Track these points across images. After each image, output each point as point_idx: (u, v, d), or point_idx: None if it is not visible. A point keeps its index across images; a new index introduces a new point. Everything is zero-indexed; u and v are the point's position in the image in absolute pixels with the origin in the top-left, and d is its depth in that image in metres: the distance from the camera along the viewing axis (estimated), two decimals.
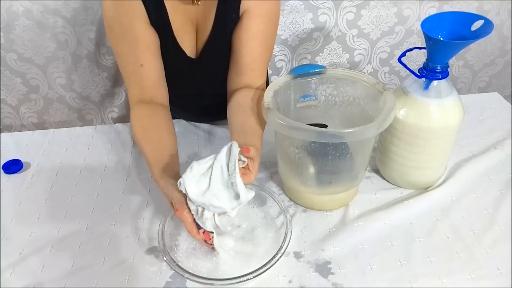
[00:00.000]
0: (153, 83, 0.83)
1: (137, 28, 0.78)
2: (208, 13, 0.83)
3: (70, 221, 0.80)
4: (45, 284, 0.68)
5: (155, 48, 0.82)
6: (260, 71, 0.86)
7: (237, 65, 0.86)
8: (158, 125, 0.80)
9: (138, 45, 0.79)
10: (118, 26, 0.78)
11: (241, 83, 0.86)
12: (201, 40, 0.87)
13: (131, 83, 0.82)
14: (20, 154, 0.96)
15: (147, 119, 0.80)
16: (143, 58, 0.80)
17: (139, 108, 0.82)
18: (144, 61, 0.80)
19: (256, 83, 0.86)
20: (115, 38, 0.80)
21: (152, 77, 0.82)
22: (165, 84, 0.86)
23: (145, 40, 0.80)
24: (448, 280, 0.67)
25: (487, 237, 0.74)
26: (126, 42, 0.79)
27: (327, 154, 0.72)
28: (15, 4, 1.19)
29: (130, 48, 0.79)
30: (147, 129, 0.79)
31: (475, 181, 0.86)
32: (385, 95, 0.73)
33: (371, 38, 1.42)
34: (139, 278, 0.69)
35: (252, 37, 0.83)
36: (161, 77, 0.85)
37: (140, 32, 0.79)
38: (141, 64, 0.80)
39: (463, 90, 1.65)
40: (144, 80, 0.81)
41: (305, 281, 0.68)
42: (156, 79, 0.83)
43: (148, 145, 0.76)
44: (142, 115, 0.81)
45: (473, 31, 0.70)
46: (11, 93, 1.38)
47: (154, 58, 0.82)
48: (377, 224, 0.77)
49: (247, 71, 0.85)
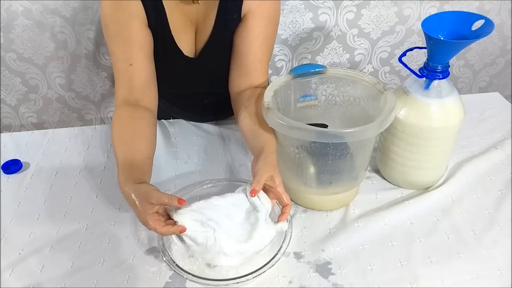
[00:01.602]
0: (142, 83, 0.81)
1: (133, 27, 0.78)
2: (208, 13, 0.83)
3: (69, 221, 0.79)
4: (44, 284, 0.68)
5: (149, 50, 0.82)
6: (262, 70, 0.86)
7: (240, 66, 0.86)
8: (137, 129, 0.77)
9: (132, 44, 0.79)
10: (114, 24, 0.78)
11: (244, 84, 0.86)
12: (201, 40, 0.87)
13: (120, 82, 0.81)
14: (20, 154, 0.96)
15: (126, 121, 0.78)
16: (135, 57, 0.79)
17: (122, 109, 0.80)
18: (136, 61, 0.79)
19: (259, 82, 0.87)
20: (110, 36, 0.79)
21: (142, 77, 0.81)
22: (155, 88, 0.85)
23: (140, 40, 0.79)
24: (449, 280, 0.67)
25: (487, 237, 0.74)
26: (121, 40, 0.79)
27: (327, 154, 0.72)
28: (15, 4, 1.18)
29: (124, 46, 0.79)
30: (125, 131, 0.77)
31: (475, 181, 0.86)
32: (386, 95, 0.73)
33: (372, 38, 1.41)
34: (138, 279, 0.69)
35: (255, 38, 0.83)
36: (151, 80, 0.83)
37: (135, 31, 0.78)
38: (130, 64, 0.79)
39: (464, 90, 1.65)
40: (133, 80, 0.80)
41: (305, 281, 0.68)
42: (146, 80, 0.82)
43: (120, 148, 0.74)
44: (123, 116, 0.79)
45: (473, 30, 0.70)
46: (10, 93, 1.38)
47: (146, 58, 0.81)
48: (378, 224, 0.77)
49: (251, 71, 0.85)
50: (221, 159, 0.94)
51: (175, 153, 0.95)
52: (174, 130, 1.03)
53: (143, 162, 0.73)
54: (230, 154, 0.95)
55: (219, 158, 0.94)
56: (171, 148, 0.97)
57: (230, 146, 0.97)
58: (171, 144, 0.98)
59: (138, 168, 0.71)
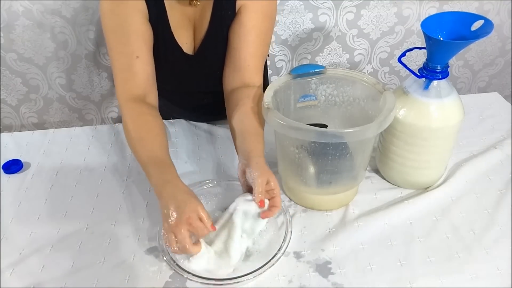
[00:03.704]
0: (147, 77, 0.80)
1: (136, 21, 0.77)
2: (205, 11, 0.84)
3: (70, 221, 0.80)
4: (45, 284, 0.68)
5: (151, 45, 0.82)
6: (255, 66, 0.85)
7: (233, 61, 0.85)
8: (152, 125, 0.78)
9: (136, 36, 0.78)
10: (115, 17, 0.77)
11: (237, 80, 0.85)
12: (199, 37, 0.87)
13: (124, 77, 0.79)
14: (20, 154, 0.96)
15: (140, 118, 0.78)
16: (140, 51, 0.78)
17: (130, 107, 0.79)
18: (141, 54, 0.78)
19: (252, 79, 0.85)
20: (110, 31, 0.78)
21: (147, 71, 0.80)
22: (155, 85, 0.84)
23: (143, 34, 0.79)
24: (448, 280, 0.67)
25: (487, 237, 0.74)
26: (124, 33, 0.77)
27: (327, 154, 0.72)
28: (15, 4, 1.19)
29: (128, 39, 0.77)
30: (141, 129, 0.77)
31: (475, 181, 0.86)
32: (385, 95, 0.73)
33: (371, 38, 1.42)
34: (139, 278, 0.69)
35: (248, 32, 0.82)
36: (154, 76, 0.83)
37: (138, 26, 0.78)
38: (137, 56, 0.78)
39: (463, 90, 1.65)
40: (138, 74, 0.79)
41: (305, 281, 0.68)
42: (151, 74, 0.81)
43: (142, 147, 0.74)
44: (134, 114, 0.78)
45: (473, 31, 0.70)
46: (11, 93, 1.38)
47: (149, 53, 0.81)
48: (377, 224, 0.77)
49: (243, 66, 0.84)
50: (221, 159, 0.94)
51: (175, 153, 0.95)
52: (174, 130, 1.03)
53: (169, 158, 0.74)
54: (230, 154, 0.95)
55: (219, 158, 0.95)
56: (171, 148, 0.96)
57: (230, 146, 0.97)
58: (171, 144, 0.98)
59: (170, 165, 0.72)
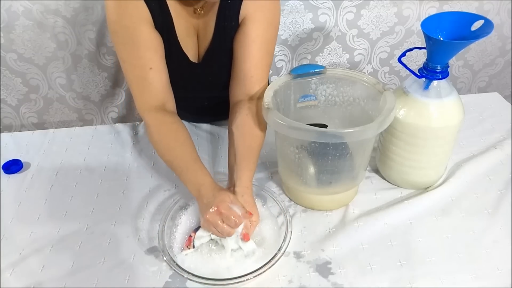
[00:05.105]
0: (164, 86, 0.80)
1: (143, 31, 0.76)
2: (208, 21, 0.83)
3: (70, 221, 0.80)
4: (45, 284, 0.68)
5: (162, 52, 0.81)
6: (259, 77, 0.84)
7: (237, 72, 0.84)
8: (179, 134, 0.79)
9: (146, 48, 0.77)
10: (123, 30, 0.76)
11: (241, 94, 0.84)
12: (203, 46, 0.86)
13: (140, 89, 0.79)
14: (20, 154, 0.97)
15: (165, 128, 0.79)
16: (152, 61, 0.78)
17: (153, 116, 0.80)
18: (154, 64, 0.78)
19: (255, 90, 0.84)
20: (120, 43, 0.77)
21: (163, 80, 0.80)
22: (171, 90, 0.84)
23: (153, 43, 0.78)
24: (448, 280, 0.67)
25: (487, 237, 0.74)
26: (134, 45, 0.76)
27: (327, 154, 0.72)
28: (15, 4, 1.19)
29: (138, 51, 0.77)
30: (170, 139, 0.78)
31: (475, 181, 0.86)
32: (385, 95, 0.73)
33: (371, 38, 1.41)
34: (139, 278, 0.69)
35: (252, 42, 0.81)
36: (169, 82, 0.83)
37: (147, 35, 0.77)
38: (150, 67, 0.78)
39: (463, 90, 1.65)
40: (154, 84, 0.79)
41: (305, 281, 0.68)
42: (167, 82, 0.81)
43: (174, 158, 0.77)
44: (158, 124, 0.79)
45: (473, 31, 0.70)
46: (11, 93, 1.38)
47: (161, 61, 0.80)
48: (377, 224, 0.77)
49: (247, 78, 0.83)
50: (221, 159, 0.94)
51: None
52: None
53: (198, 161, 0.76)
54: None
55: (219, 158, 0.95)
56: None
57: None
58: None
59: (201, 168, 0.74)
